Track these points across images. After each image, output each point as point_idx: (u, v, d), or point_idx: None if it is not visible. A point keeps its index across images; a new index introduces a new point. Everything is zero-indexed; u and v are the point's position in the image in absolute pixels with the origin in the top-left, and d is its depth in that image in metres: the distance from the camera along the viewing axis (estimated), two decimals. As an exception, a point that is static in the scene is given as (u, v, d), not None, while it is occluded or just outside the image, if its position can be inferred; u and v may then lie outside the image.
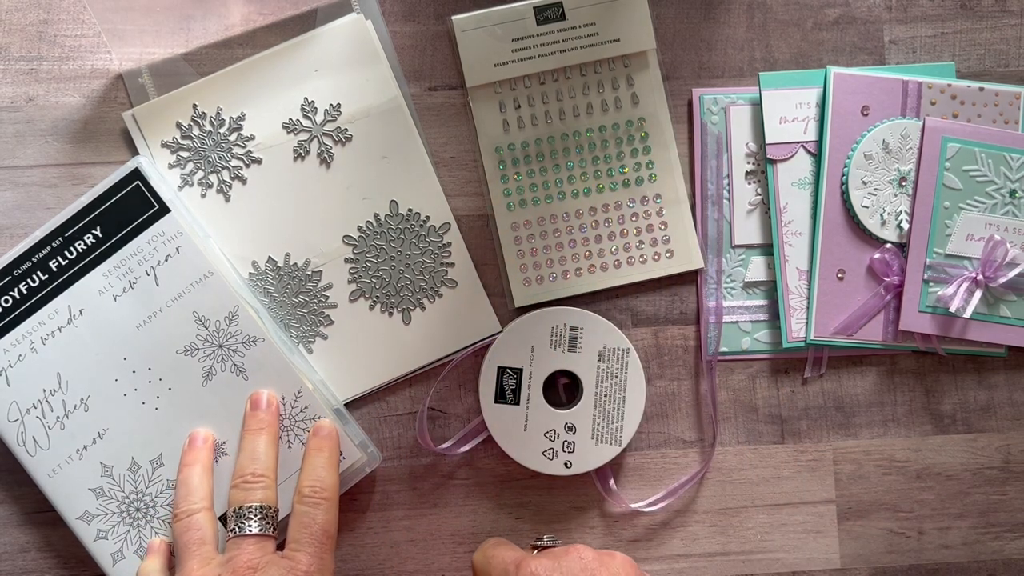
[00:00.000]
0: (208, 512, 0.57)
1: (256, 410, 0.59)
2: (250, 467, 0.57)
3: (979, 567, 0.65)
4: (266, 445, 0.58)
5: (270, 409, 0.59)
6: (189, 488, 0.57)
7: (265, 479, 0.57)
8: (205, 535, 0.56)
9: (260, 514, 0.55)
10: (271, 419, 0.59)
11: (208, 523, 0.56)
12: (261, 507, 0.56)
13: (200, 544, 0.55)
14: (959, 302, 0.62)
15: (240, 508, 0.56)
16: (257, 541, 0.55)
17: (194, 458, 0.58)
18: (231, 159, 0.62)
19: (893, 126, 0.63)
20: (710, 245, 0.64)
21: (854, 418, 0.65)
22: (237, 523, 0.55)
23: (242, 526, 0.55)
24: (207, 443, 0.59)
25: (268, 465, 0.57)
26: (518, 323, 0.61)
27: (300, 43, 0.63)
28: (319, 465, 0.58)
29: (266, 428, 0.58)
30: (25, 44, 0.63)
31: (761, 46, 0.66)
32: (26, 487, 0.61)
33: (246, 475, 0.57)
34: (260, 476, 0.57)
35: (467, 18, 0.63)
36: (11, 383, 0.59)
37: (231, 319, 0.60)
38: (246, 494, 0.56)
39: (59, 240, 0.59)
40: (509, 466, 0.63)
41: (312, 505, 0.56)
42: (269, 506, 0.56)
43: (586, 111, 0.64)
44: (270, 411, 0.59)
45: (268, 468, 0.57)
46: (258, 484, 0.56)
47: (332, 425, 0.59)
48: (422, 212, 0.63)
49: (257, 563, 0.54)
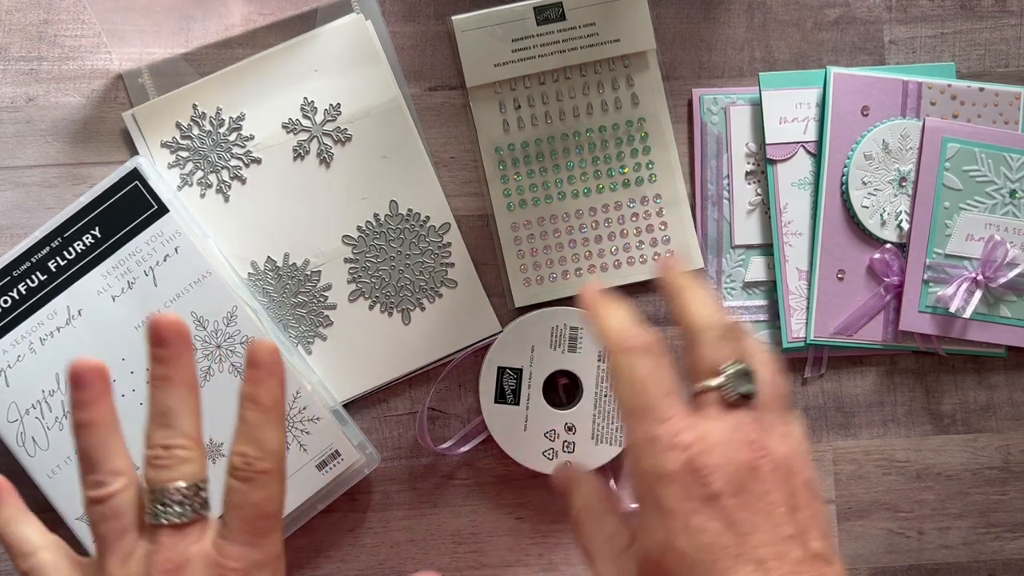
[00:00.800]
0: (127, 491, 0.41)
1: (160, 346, 0.41)
2: (159, 435, 0.41)
3: (979, 567, 0.65)
4: (179, 399, 0.41)
5: (180, 343, 0.41)
6: (96, 460, 0.42)
7: (182, 449, 0.41)
8: (126, 524, 0.41)
9: (179, 497, 0.40)
10: (180, 356, 0.41)
11: (128, 506, 0.41)
12: (180, 488, 0.40)
13: (120, 536, 0.41)
14: (959, 302, 0.62)
15: (154, 491, 0.41)
16: (177, 533, 0.40)
17: (90, 417, 0.42)
18: (230, 159, 0.62)
19: (893, 126, 0.63)
20: (710, 245, 0.64)
21: (854, 418, 0.65)
22: (152, 508, 0.40)
23: (156, 512, 0.40)
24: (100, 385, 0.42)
25: (184, 426, 0.41)
26: (518, 323, 0.61)
27: (300, 43, 0.63)
28: (254, 423, 0.41)
29: (175, 373, 0.41)
30: (25, 44, 0.63)
31: (761, 46, 0.66)
32: (26, 488, 0.61)
33: (156, 447, 0.41)
34: (175, 447, 0.41)
35: (467, 18, 0.63)
36: (10, 384, 0.59)
37: (229, 319, 0.60)
38: (159, 472, 0.41)
39: (58, 240, 0.59)
40: (509, 466, 0.63)
41: (244, 480, 0.41)
42: (192, 484, 0.41)
43: (586, 111, 0.64)
44: (180, 346, 0.41)
45: (185, 430, 0.41)
46: (173, 457, 0.41)
47: (272, 350, 0.42)
48: (422, 212, 0.63)
49: (176, 561, 0.40)
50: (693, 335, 0.42)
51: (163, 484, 0.41)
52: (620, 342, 0.42)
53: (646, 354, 0.41)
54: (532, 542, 0.64)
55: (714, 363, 0.41)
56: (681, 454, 0.39)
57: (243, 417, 0.42)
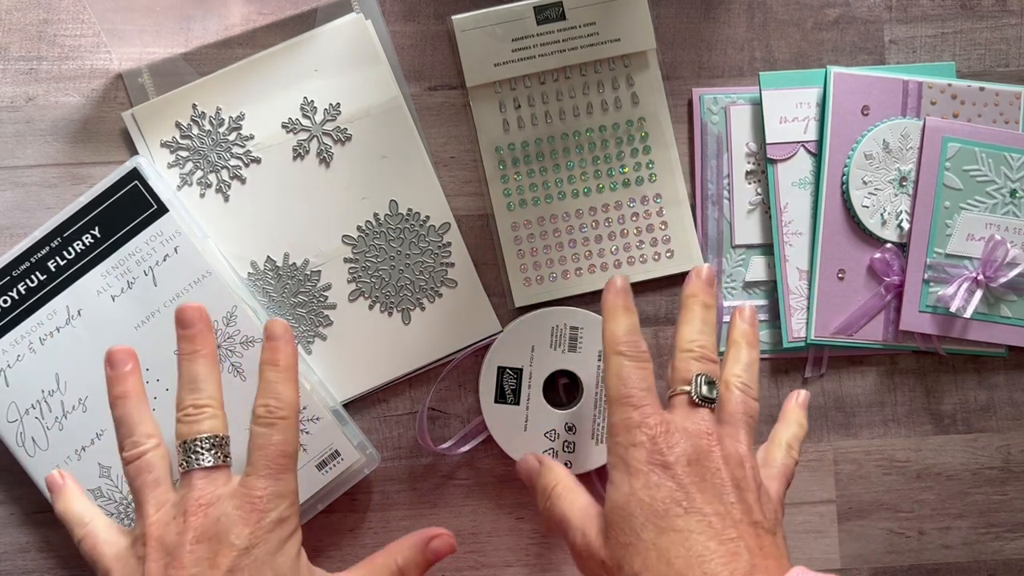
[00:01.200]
0: (158, 448, 0.52)
1: (188, 328, 0.53)
2: (189, 397, 0.52)
3: (979, 567, 0.65)
4: (205, 369, 0.52)
5: (203, 323, 0.53)
6: (130, 424, 0.52)
7: (209, 408, 0.52)
8: (159, 476, 0.51)
9: (208, 444, 0.51)
10: (205, 335, 0.53)
11: (160, 461, 0.52)
12: (208, 438, 0.51)
13: (155, 486, 0.51)
14: (959, 302, 0.62)
15: (186, 442, 0.51)
16: (207, 474, 0.50)
17: (123, 389, 0.53)
18: (230, 159, 0.62)
19: (893, 126, 0.63)
20: (710, 245, 0.64)
21: (854, 418, 0.65)
22: (185, 458, 0.51)
23: (190, 460, 0.50)
24: (130, 364, 0.53)
25: (210, 392, 0.52)
26: (518, 323, 0.61)
27: (300, 43, 0.63)
28: (273, 380, 0.52)
29: (201, 348, 0.52)
30: (25, 44, 0.63)
31: (761, 46, 0.66)
32: (26, 487, 0.61)
33: (186, 407, 0.51)
34: (203, 406, 0.51)
35: (467, 18, 0.63)
36: (10, 384, 0.59)
37: (229, 319, 0.60)
38: (190, 426, 0.51)
39: (58, 240, 0.59)
40: (509, 466, 0.63)
41: (267, 425, 0.51)
42: (217, 435, 0.51)
43: (586, 111, 0.64)
44: (203, 326, 0.53)
45: (211, 394, 0.52)
46: (203, 414, 0.51)
47: (285, 326, 0.53)
48: (422, 212, 0.63)
49: (209, 498, 0.50)
50: (676, 352, 0.52)
51: (194, 435, 0.51)
52: (616, 345, 0.52)
53: (634, 359, 0.51)
54: (532, 542, 0.64)
55: (687, 374, 0.51)
56: (648, 430, 0.49)
57: (264, 377, 0.52)
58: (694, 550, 0.46)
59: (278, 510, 0.50)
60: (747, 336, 0.55)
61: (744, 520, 0.47)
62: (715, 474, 0.48)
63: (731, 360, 0.54)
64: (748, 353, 0.54)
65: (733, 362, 0.54)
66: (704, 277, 0.54)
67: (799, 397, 0.58)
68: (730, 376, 0.53)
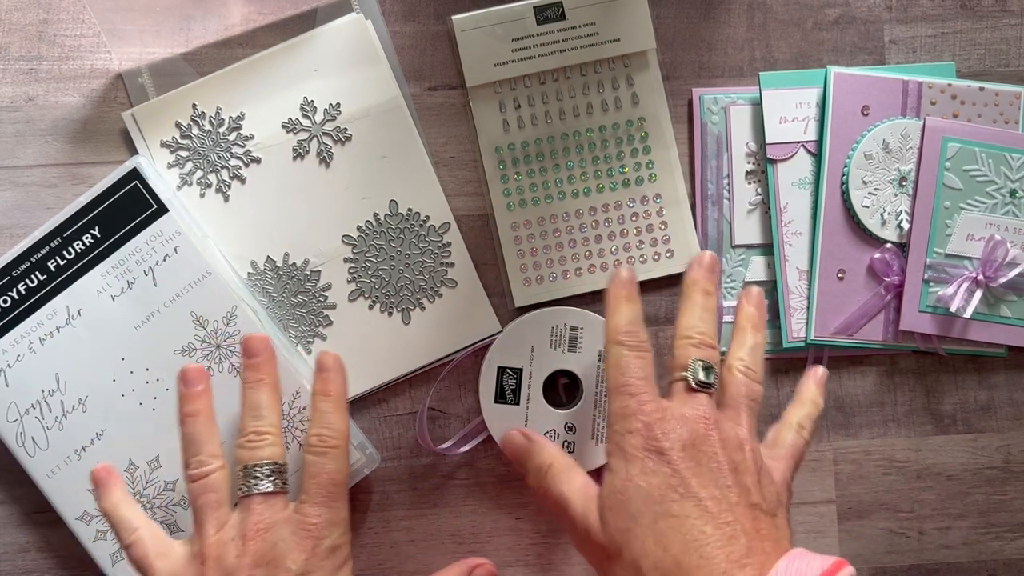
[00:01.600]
0: (222, 470, 0.54)
1: (254, 357, 0.56)
2: (252, 424, 0.54)
3: (979, 567, 0.65)
4: (268, 398, 0.55)
5: (267, 353, 0.56)
6: (198, 443, 0.54)
7: (270, 435, 0.54)
8: (221, 497, 0.53)
9: (268, 471, 0.53)
10: (270, 366, 0.56)
11: (223, 482, 0.54)
12: (269, 464, 0.53)
13: (217, 507, 0.53)
14: (959, 302, 0.62)
15: (247, 467, 0.53)
16: (265, 500, 0.53)
17: (195, 407, 0.55)
18: (230, 159, 0.62)
19: (893, 126, 0.63)
20: (710, 245, 0.64)
21: (854, 418, 0.65)
22: (245, 482, 0.53)
23: (250, 485, 0.53)
24: (203, 384, 0.56)
25: (272, 420, 0.55)
26: (518, 323, 0.61)
27: (300, 43, 0.63)
28: (326, 411, 0.55)
29: (266, 378, 0.56)
30: (25, 44, 0.63)
31: (761, 46, 0.66)
32: (26, 487, 0.61)
33: (249, 433, 0.54)
34: (265, 433, 0.54)
35: (467, 18, 0.63)
36: (10, 383, 0.59)
37: (229, 319, 0.60)
38: (252, 452, 0.53)
39: (57, 240, 0.59)
40: (509, 466, 0.63)
41: (319, 454, 0.53)
42: (276, 462, 0.54)
43: (586, 111, 0.64)
44: (267, 356, 0.56)
45: (272, 423, 0.55)
46: (264, 441, 0.54)
47: (336, 357, 0.56)
48: (422, 212, 0.63)
49: (267, 523, 0.52)
50: (675, 339, 0.53)
51: (255, 461, 0.53)
52: (616, 335, 0.52)
53: (633, 349, 0.51)
54: (532, 542, 0.64)
55: (685, 360, 0.51)
56: (643, 417, 0.49)
57: (317, 407, 0.55)
58: (690, 535, 0.47)
59: (332, 537, 0.52)
60: (752, 319, 0.55)
61: (741, 503, 0.48)
62: (711, 458, 0.49)
63: (736, 343, 0.54)
64: (753, 336, 0.54)
65: (738, 345, 0.54)
66: (705, 264, 0.54)
67: (817, 374, 0.58)
68: (733, 359, 0.53)
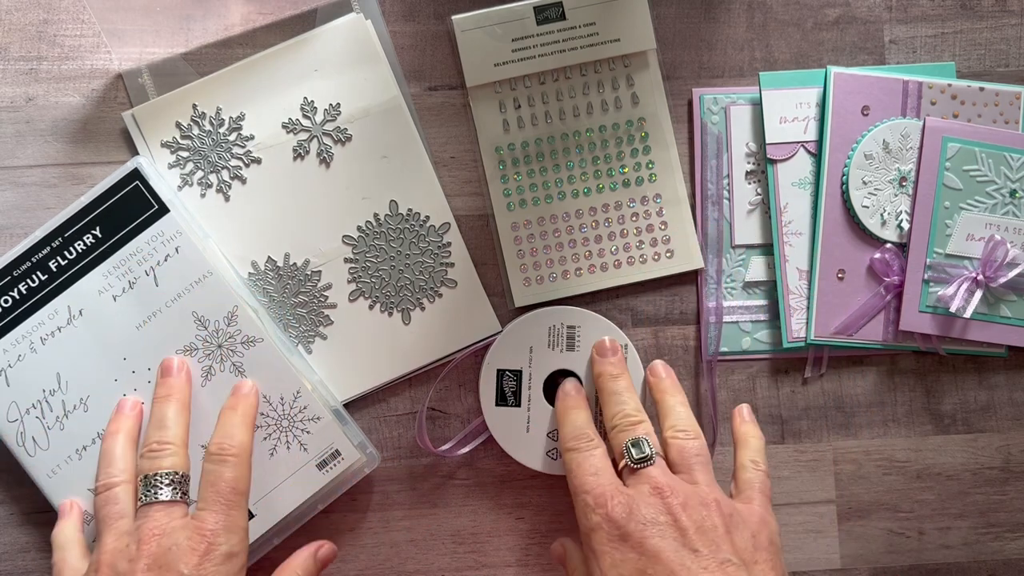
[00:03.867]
0: (128, 485, 0.56)
1: (167, 376, 0.58)
2: (156, 435, 0.56)
3: (979, 567, 0.65)
4: (175, 412, 0.57)
5: (180, 375, 0.58)
6: (110, 459, 0.56)
7: (172, 445, 0.56)
8: (123, 509, 0.55)
9: (167, 480, 0.54)
10: (181, 384, 0.58)
11: (126, 496, 0.55)
12: (168, 474, 0.54)
13: (118, 518, 0.54)
14: (959, 302, 0.62)
15: (147, 476, 0.54)
16: (165, 508, 0.54)
17: (118, 427, 0.58)
18: (231, 159, 0.62)
19: (893, 126, 0.63)
20: (710, 245, 0.64)
21: (854, 418, 0.65)
22: (145, 492, 0.54)
23: (149, 494, 0.54)
24: (135, 411, 0.58)
25: (176, 432, 0.56)
26: (514, 325, 0.61)
27: (300, 43, 0.63)
28: (230, 423, 0.57)
29: (175, 394, 0.58)
30: (25, 44, 0.63)
31: (761, 46, 0.66)
32: (26, 487, 0.61)
33: (151, 443, 0.56)
34: (167, 443, 0.56)
35: (467, 18, 0.63)
36: (11, 383, 0.59)
37: (230, 319, 0.60)
38: (152, 462, 0.55)
39: (59, 240, 0.59)
40: (509, 466, 0.63)
41: (218, 463, 0.55)
42: (177, 472, 0.55)
43: (586, 111, 0.64)
44: (180, 376, 0.58)
45: (176, 435, 0.56)
46: (165, 451, 0.55)
47: (253, 385, 0.59)
48: (422, 212, 0.63)
49: (163, 528, 0.53)
50: (608, 432, 0.57)
51: (155, 471, 0.54)
52: (565, 445, 0.57)
53: (583, 451, 0.55)
54: (532, 542, 0.64)
55: (620, 447, 0.55)
56: (601, 510, 0.52)
57: (223, 421, 0.57)
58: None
59: (228, 544, 0.53)
60: (663, 388, 0.59)
61: (711, 562, 0.49)
62: (673, 527, 0.51)
63: (661, 415, 0.58)
64: (672, 399, 0.58)
65: (664, 415, 0.58)
66: (603, 351, 0.60)
67: (743, 413, 0.61)
68: (665, 430, 0.57)
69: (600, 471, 0.54)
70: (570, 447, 0.56)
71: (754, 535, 0.52)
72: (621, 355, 0.60)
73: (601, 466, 0.54)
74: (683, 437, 0.56)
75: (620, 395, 0.58)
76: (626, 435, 0.55)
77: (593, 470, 0.54)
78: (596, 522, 0.52)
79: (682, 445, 0.55)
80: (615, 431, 0.56)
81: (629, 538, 0.50)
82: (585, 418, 0.58)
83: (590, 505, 0.52)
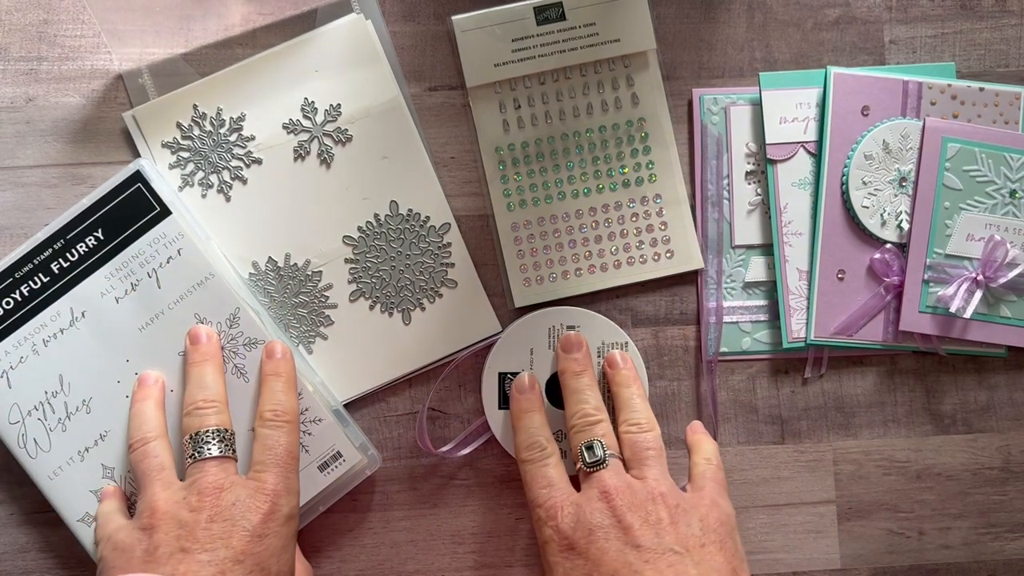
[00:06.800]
0: (163, 440, 0.56)
1: (197, 344, 0.58)
2: (200, 394, 0.56)
3: (979, 567, 0.65)
4: (213, 373, 0.57)
5: (211, 341, 0.59)
6: (142, 419, 0.57)
7: (217, 403, 0.56)
8: (163, 461, 0.55)
9: (218, 437, 0.55)
10: (214, 349, 0.58)
11: (164, 450, 0.56)
12: (218, 430, 0.55)
13: (160, 469, 0.54)
14: (959, 302, 0.62)
15: (197, 433, 0.55)
16: (219, 463, 0.54)
17: (146, 394, 0.58)
18: (231, 159, 0.62)
19: (893, 126, 0.63)
20: (710, 245, 0.64)
21: (854, 418, 0.65)
22: (196, 448, 0.54)
23: (201, 450, 0.54)
24: (158, 383, 0.58)
25: (218, 391, 0.57)
26: (514, 327, 0.61)
27: (300, 43, 0.63)
28: (277, 389, 0.57)
29: (210, 358, 0.58)
30: (25, 44, 0.63)
31: (761, 46, 0.66)
32: (26, 488, 0.61)
33: (197, 401, 0.56)
34: (212, 402, 0.56)
35: (467, 18, 0.63)
36: (12, 385, 0.59)
37: (232, 321, 0.59)
38: (201, 419, 0.55)
39: (61, 242, 0.59)
40: (509, 466, 0.64)
41: (274, 428, 0.55)
42: (226, 429, 0.56)
43: (586, 111, 0.64)
44: (211, 343, 0.59)
45: (218, 393, 0.57)
46: (211, 408, 0.56)
47: (285, 347, 0.59)
48: (422, 212, 0.63)
49: (223, 483, 0.53)
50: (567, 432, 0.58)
51: (204, 428, 0.55)
52: (520, 454, 0.57)
53: (536, 462, 0.56)
54: (532, 542, 0.64)
55: (575, 449, 0.56)
56: (552, 522, 0.53)
57: (269, 387, 0.57)
58: None
59: (288, 506, 0.54)
60: (620, 380, 0.59)
61: (652, 554, 0.50)
62: (618, 527, 0.52)
63: (617, 407, 0.58)
64: (627, 392, 0.58)
65: (619, 408, 0.58)
66: (567, 346, 0.59)
67: (694, 427, 0.61)
68: (620, 424, 0.57)
69: (553, 482, 0.55)
70: (524, 458, 0.57)
71: (702, 519, 0.53)
72: (586, 349, 0.60)
73: (554, 476, 0.55)
74: (636, 431, 0.56)
75: (581, 393, 0.58)
76: (582, 436, 0.56)
77: (545, 483, 0.55)
78: (548, 535, 0.53)
79: (634, 439, 0.56)
80: (573, 431, 0.57)
81: (576, 546, 0.52)
82: (539, 422, 0.58)
83: (542, 519, 0.54)
